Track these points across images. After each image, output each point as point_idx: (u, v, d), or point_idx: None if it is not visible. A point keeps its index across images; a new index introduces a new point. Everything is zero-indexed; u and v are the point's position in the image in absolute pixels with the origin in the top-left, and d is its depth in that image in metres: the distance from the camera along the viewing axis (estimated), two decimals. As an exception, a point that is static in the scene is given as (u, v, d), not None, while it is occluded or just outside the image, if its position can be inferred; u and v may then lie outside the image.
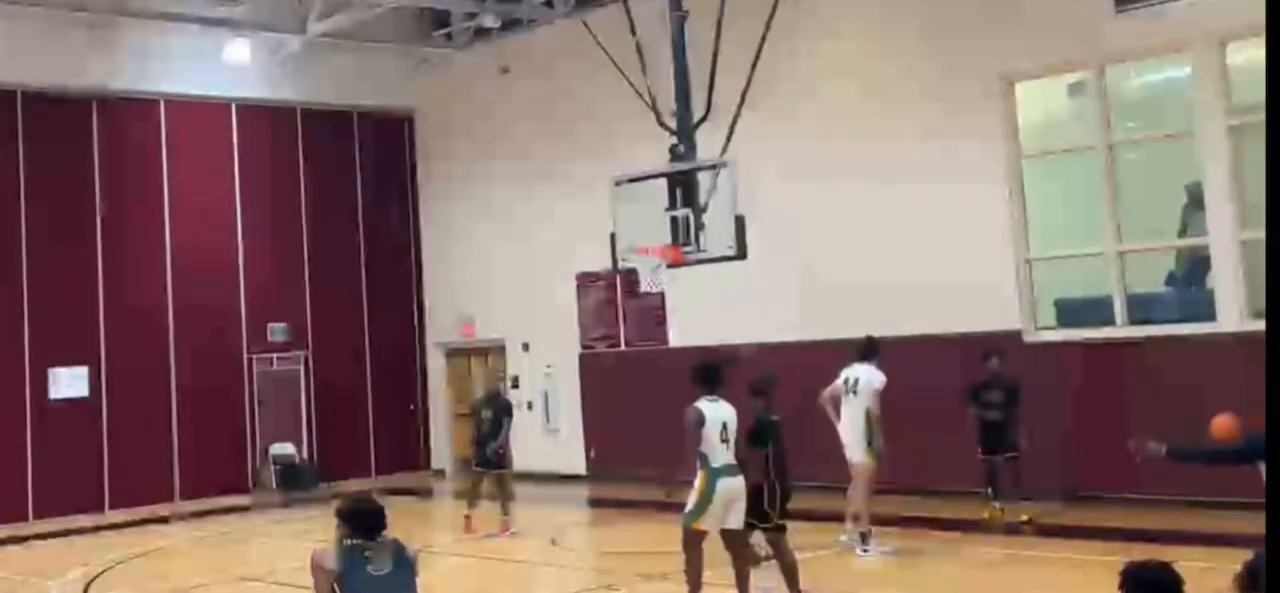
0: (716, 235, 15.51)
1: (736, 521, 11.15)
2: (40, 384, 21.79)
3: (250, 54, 23.37)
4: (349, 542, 6.90)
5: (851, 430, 14.47)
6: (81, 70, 22.17)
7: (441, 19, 24.39)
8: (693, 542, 11.17)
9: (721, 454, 11.04)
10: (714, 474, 11.01)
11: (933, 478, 17.25)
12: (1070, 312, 17.07)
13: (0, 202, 21.63)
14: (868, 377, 14.36)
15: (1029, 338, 17.11)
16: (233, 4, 22.09)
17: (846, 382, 14.49)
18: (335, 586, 6.79)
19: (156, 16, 22.38)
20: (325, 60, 24.16)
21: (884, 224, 18.30)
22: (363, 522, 6.97)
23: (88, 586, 15.49)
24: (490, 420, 17.63)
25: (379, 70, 25.10)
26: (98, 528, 20.52)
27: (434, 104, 25.83)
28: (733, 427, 11.14)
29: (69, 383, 22.04)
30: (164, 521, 20.73)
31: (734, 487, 11.06)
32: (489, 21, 23.12)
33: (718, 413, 11.10)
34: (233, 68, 23.37)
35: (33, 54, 21.58)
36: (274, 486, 23.23)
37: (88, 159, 22.49)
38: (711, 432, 11.01)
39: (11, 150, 21.79)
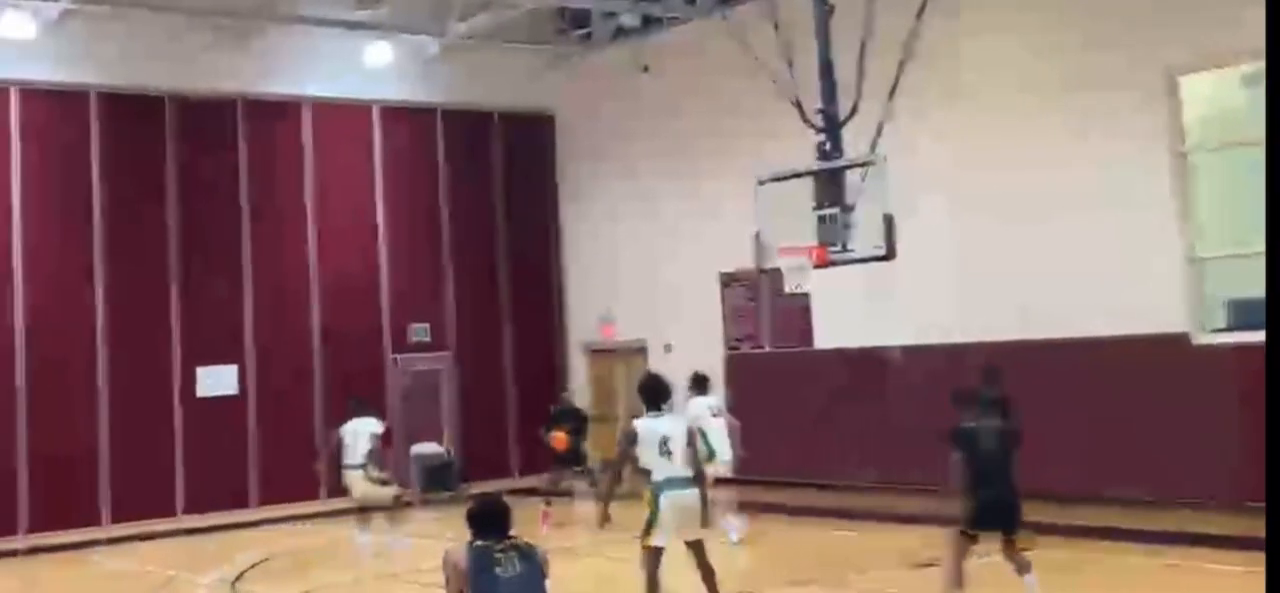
0: (865, 235, 15.13)
1: (693, 531, 11.08)
2: (189, 382, 22.27)
3: (392, 56, 23.54)
4: (478, 543, 7.04)
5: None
6: (227, 74, 22.63)
7: (581, 19, 24.33)
8: (647, 561, 11.08)
9: (663, 468, 10.96)
10: (657, 489, 10.94)
11: (1097, 483, 16.76)
12: (1244, 312, 16.34)
13: (150, 204, 22.16)
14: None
15: (1197, 341, 16.46)
16: (374, 7, 22.24)
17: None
18: (464, 587, 6.95)
19: (299, 21, 22.74)
20: (465, 62, 24.27)
21: (1041, 222, 17.80)
22: (490, 523, 7.16)
23: (235, 581, 15.70)
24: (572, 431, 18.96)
25: (519, 71, 25.14)
26: (245, 524, 20.90)
27: (574, 104, 25.80)
28: (676, 439, 11.06)
29: (217, 381, 22.49)
30: (308, 518, 20.89)
31: (681, 498, 10.95)
32: (629, 20, 23.01)
33: (657, 428, 11.10)
34: (374, 70, 23.62)
35: (179, 59, 22.08)
36: (417, 485, 23.30)
37: (233, 161, 22.92)
38: (646, 448, 11.01)
39: (160, 153, 22.28)
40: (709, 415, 17.39)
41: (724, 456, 17.19)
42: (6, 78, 21.04)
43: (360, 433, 17.12)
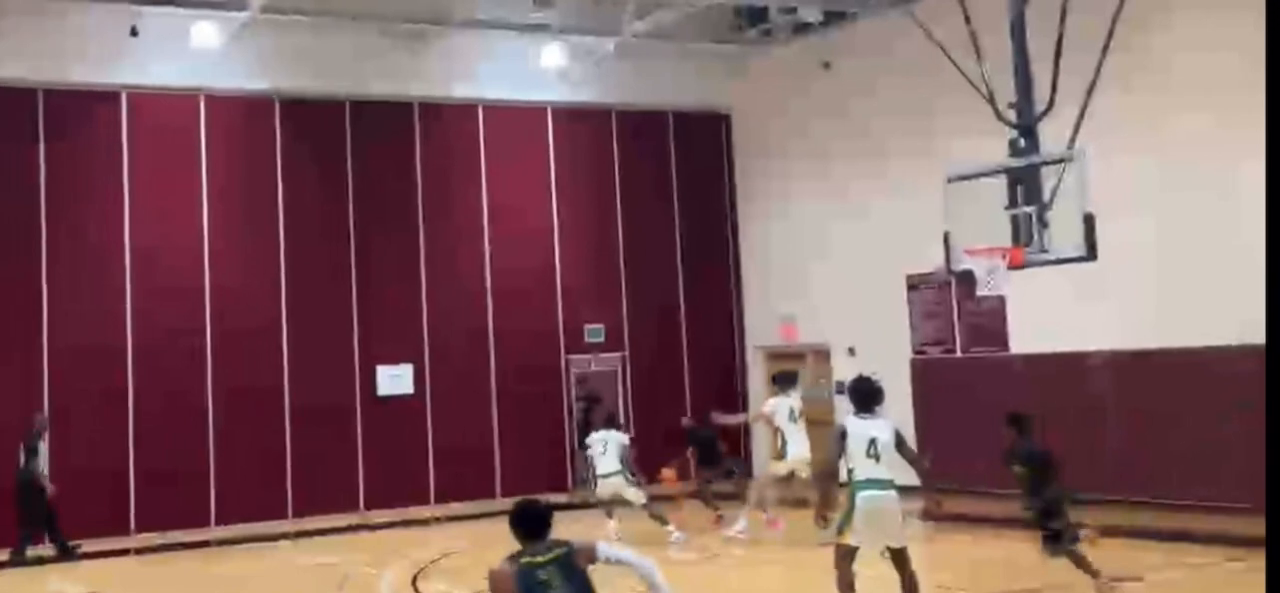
0: (1062, 235, 14.88)
1: (891, 537, 11.20)
2: (368, 380, 22.73)
3: (565, 58, 23.63)
4: (523, 561, 6.95)
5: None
6: (404, 79, 23.04)
7: (759, 15, 24.07)
8: (840, 559, 11.21)
9: (868, 469, 11.06)
10: (856, 489, 11.03)
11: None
12: None
13: (331, 205, 22.70)
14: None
15: None
16: (548, 9, 22.33)
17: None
18: None
19: (475, 24, 23.03)
20: (640, 62, 24.24)
21: (1250, 220, 17.00)
22: (528, 525, 7.17)
23: (414, 578, 15.81)
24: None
25: (695, 70, 25.06)
26: (424, 521, 21.15)
27: (752, 102, 25.60)
28: (884, 442, 11.17)
29: (395, 380, 22.92)
30: (488, 516, 20.96)
31: (879, 500, 11.03)
32: (810, 16, 22.67)
33: (867, 429, 11.27)
34: (548, 72, 23.73)
35: (357, 65, 22.54)
36: (593, 485, 23.25)
37: (411, 164, 23.35)
38: (855, 448, 11.16)
39: (341, 157, 22.81)
40: (788, 416, 17.78)
41: (799, 454, 17.65)
42: (196, 85, 21.71)
43: (609, 442, 18.12)
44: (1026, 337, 20.32)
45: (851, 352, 23.26)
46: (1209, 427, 17.32)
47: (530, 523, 7.16)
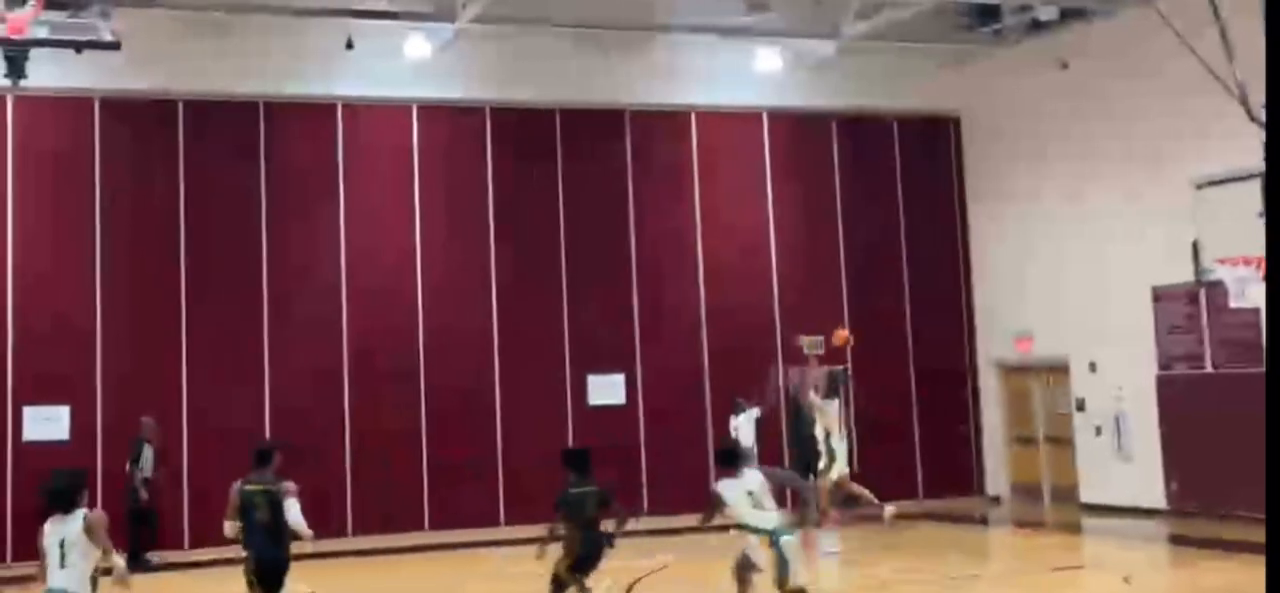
0: None
1: None
2: (580, 390, 22.96)
3: (781, 62, 23.43)
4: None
5: None
6: (614, 86, 23.21)
7: (990, 14, 23.38)
8: None
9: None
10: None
11: None
12: None
13: (541, 214, 22.98)
14: None
15: None
16: (763, 12, 22.10)
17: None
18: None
19: (686, 29, 22.93)
20: (860, 64, 23.88)
21: None
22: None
23: (630, 587, 15.69)
24: None
25: (919, 72, 24.55)
26: (636, 532, 20.89)
27: (982, 105, 24.99)
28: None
29: (606, 390, 23.12)
30: (696, 530, 20.68)
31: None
32: (1045, 14, 21.96)
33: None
34: (763, 77, 23.58)
35: (568, 73, 22.81)
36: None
37: (622, 173, 23.51)
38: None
39: (552, 166, 23.11)
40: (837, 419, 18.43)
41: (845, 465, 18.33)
42: (408, 96, 22.29)
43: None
44: (1283, 353, 19.33)
45: (1093, 367, 22.51)
46: None
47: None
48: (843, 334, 20.58)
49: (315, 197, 21.90)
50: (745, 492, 12.18)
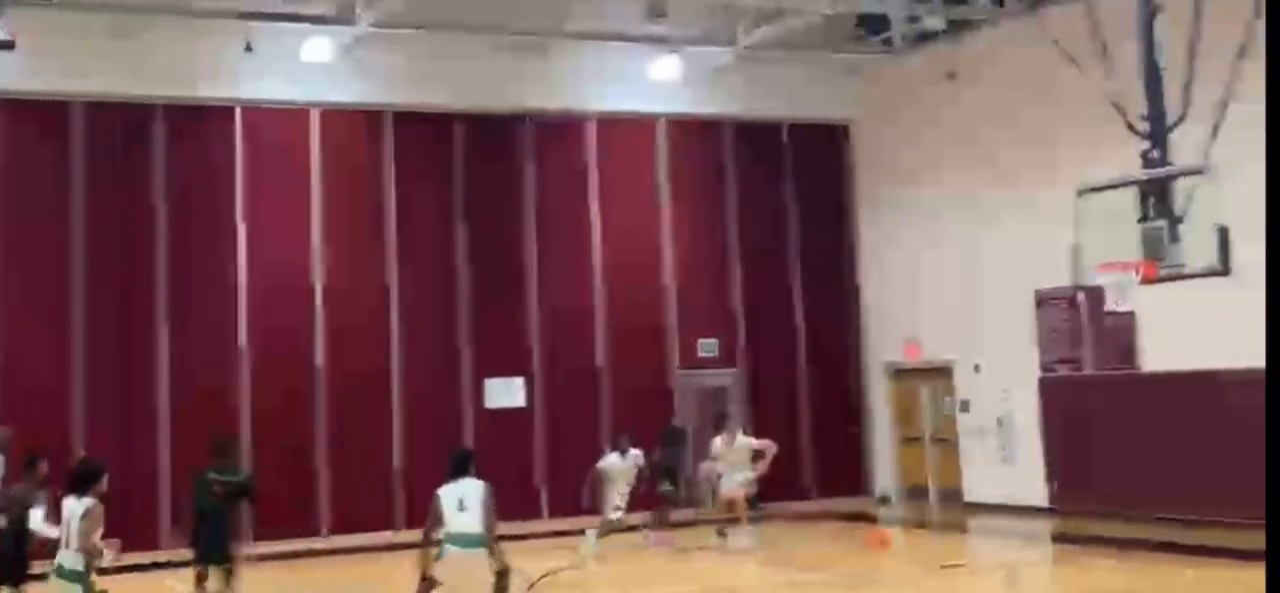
0: (1196, 249, 14.72)
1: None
2: (477, 394, 23.08)
3: (678, 69, 23.75)
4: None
5: None
6: (516, 91, 23.39)
7: (880, 24, 23.96)
8: None
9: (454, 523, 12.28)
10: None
11: None
12: None
13: (440, 218, 23.13)
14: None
15: None
16: (661, 21, 22.43)
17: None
18: None
19: (587, 37, 23.23)
20: (755, 72, 24.40)
21: None
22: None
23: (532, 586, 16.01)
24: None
25: (812, 81, 25.10)
26: (533, 535, 21.00)
27: (872, 114, 25.60)
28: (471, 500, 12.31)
29: (505, 393, 23.21)
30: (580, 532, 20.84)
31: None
32: (933, 24, 22.58)
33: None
34: (661, 83, 23.89)
35: (469, 79, 22.88)
36: (706, 502, 23.16)
37: (521, 178, 23.73)
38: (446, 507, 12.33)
39: (452, 171, 23.26)
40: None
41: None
42: (307, 99, 22.29)
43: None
44: (1158, 354, 20.06)
45: (977, 369, 23.16)
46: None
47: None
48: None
49: (213, 200, 21.79)
50: (457, 499, 12.39)
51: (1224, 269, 14.53)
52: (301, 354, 22.06)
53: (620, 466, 19.50)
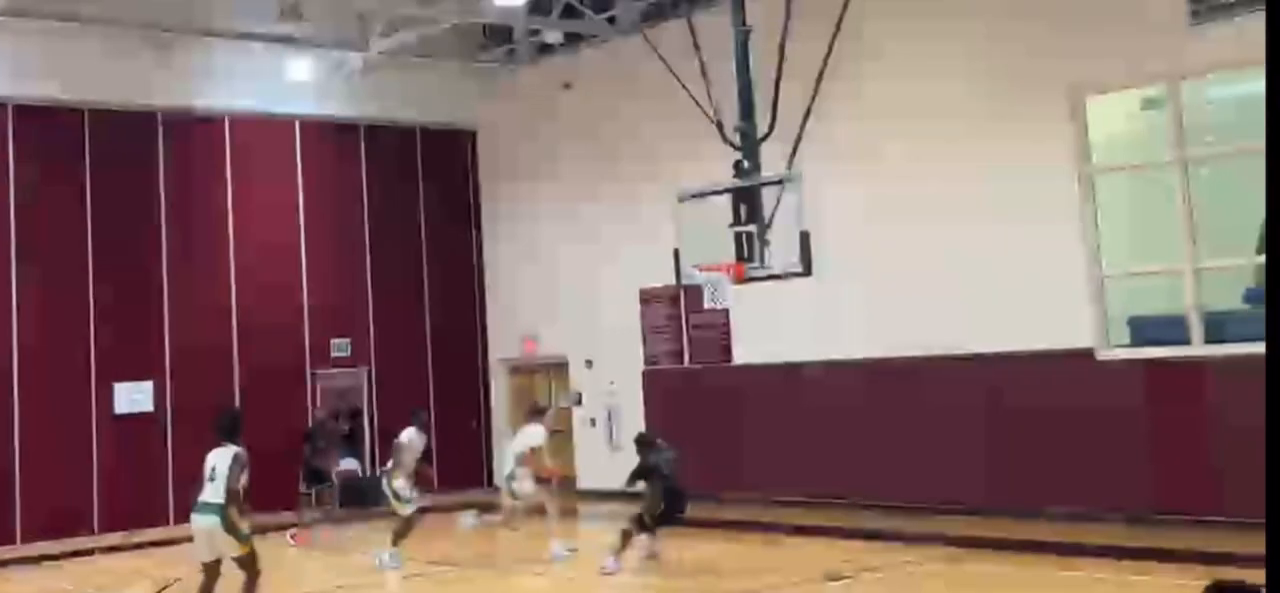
0: (781, 252, 15.81)
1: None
2: (105, 398, 22.50)
3: (313, 71, 23.94)
4: None
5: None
6: (147, 87, 22.88)
7: (504, 35, 24.91)
8: None
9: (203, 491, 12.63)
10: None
11: (1006, 497, 17.66)
12: (1144, 330, 17.15)
13: (66, 218, 22.38)
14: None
15: (1102, 356, 17.26)
16: (296, 22, 22.56)
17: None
18: None
19: (222, 34, 23.14)
20: (388, 77, 24.81)
21: (952, 238, 18.47)
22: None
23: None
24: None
25: (442, 87, 25.70)
26: (163, 542, 20.82)
27: (497, 120, 26.36)
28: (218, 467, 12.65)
29: (133, 398, 22.72)
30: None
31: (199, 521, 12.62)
32: (552, 37, 23.65)
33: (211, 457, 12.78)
34: (297, 85, 24.00)
35: (98, 73, 22.33)
36: (336, 502, 23.55)
37: (153, 176, 23.17)
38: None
39: (80, 168, 22.55)
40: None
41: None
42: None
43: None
44: (749, 349, 21.57)
45: (589, 364, 24.25)
46: (920, 431, 18.83)
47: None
48: None
49: None
50: (211, 467, 12.79)
51: (806, 270, 15.73)
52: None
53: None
